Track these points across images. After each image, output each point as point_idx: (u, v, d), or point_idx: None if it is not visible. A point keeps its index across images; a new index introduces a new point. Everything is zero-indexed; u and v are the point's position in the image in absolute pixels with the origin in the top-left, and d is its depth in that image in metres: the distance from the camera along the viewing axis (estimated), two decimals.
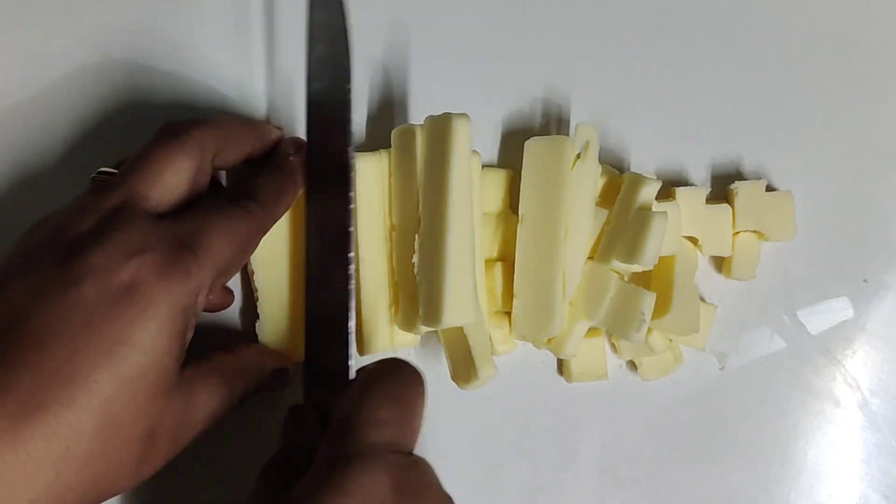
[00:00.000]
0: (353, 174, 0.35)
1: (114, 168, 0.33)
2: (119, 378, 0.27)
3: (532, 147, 0.37)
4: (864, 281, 0.40)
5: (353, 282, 0.34)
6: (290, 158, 0.35)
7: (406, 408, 0.29)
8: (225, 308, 0.37)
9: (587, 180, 0.36)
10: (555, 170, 0.36)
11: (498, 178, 0.38)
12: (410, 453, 0.29)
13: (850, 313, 0.40)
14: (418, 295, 0.34)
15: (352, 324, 0.34)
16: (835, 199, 0.40)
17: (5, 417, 0.25)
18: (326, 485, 0.27)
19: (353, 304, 0.34)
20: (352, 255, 0.34)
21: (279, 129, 0.36)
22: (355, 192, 0.35)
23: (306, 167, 0.35)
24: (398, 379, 0.30)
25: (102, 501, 0.28)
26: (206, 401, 0.31)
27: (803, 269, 0.40)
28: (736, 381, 0.39)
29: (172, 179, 0.31)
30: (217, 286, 0.31)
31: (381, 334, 0.36)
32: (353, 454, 0.27)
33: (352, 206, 0.35)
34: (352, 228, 0.35)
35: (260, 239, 0.33)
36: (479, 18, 0.40)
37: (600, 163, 0.37)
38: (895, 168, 0.40)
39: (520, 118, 0.39)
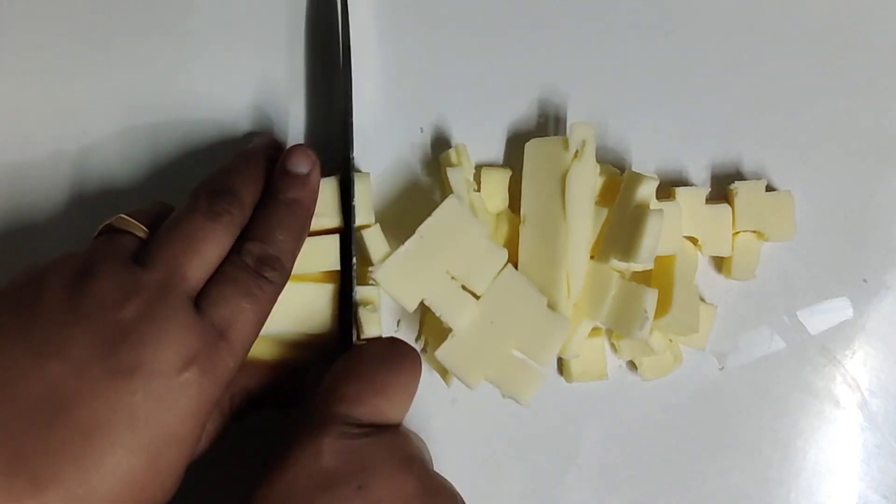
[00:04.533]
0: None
1: (128, 216, 0.32)
2: (154, 468, 0.27)
3: (532, 148, 0.37)
4: (864, 281, 0.40)
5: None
6: (306, 184, 0.33)
7: (385, 383, 0.30)
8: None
9: (585, 178, 0.36)
10: (555, 170, 0.36)
11: (499, 178, 0.38)
12: (387, 426, 0.30)
13: (849, 313, 0.40)
14: None
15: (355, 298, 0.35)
16: (835, 199, 0.40)
17: None
18: (279, 454, 0.28)
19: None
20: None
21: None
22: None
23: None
24: (383, 355, 0.31)
25: None
26: (204, 439, 0.32)
27: (803, 269, 0.40)
28: (736, 381, 0.39)
29: (212, 258, 0.31)
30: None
31: None
32: (305, 424, 0.29)
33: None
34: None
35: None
36: (480, 19, 0.40)
37: (600, 162, 0.37)
38: (895, 168, 0.40)
39: (520, 119, 0.39)
